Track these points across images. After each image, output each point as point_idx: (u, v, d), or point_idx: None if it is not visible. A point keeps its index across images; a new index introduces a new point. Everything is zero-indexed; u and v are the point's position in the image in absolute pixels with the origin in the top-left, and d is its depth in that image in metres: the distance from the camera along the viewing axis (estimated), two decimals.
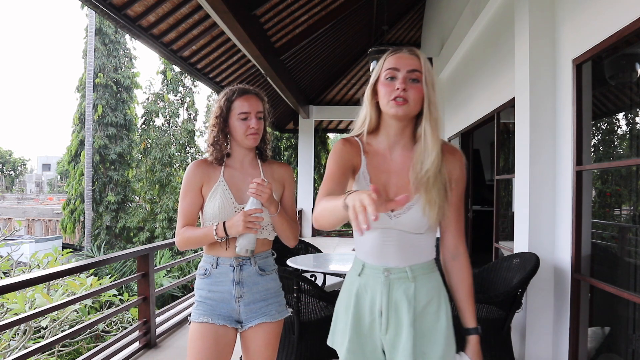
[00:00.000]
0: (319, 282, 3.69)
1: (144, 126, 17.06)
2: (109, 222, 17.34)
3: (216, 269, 1.67)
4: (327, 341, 1.41)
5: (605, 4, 2.30)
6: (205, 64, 5.94)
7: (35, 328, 4.91)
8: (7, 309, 4.61)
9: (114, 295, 5.99)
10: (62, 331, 4.91)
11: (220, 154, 1.70)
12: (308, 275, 3.29)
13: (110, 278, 9.25)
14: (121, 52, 18.36)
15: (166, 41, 4.92)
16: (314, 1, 5.74)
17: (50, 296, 4.78)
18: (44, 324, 4.83)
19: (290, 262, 3.52)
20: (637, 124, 2.50)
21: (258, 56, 5.22)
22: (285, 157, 13.90)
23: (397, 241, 1.27)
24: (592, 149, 2.69)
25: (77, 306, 4.98)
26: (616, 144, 2.78)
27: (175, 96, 17.10)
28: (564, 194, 2.71)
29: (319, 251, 4.34)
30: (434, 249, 1.35)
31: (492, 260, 4.11)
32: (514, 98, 3.17)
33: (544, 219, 2.82)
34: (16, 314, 4.36)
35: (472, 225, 5.71)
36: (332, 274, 3.98)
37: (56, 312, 4.92)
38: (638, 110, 2.50)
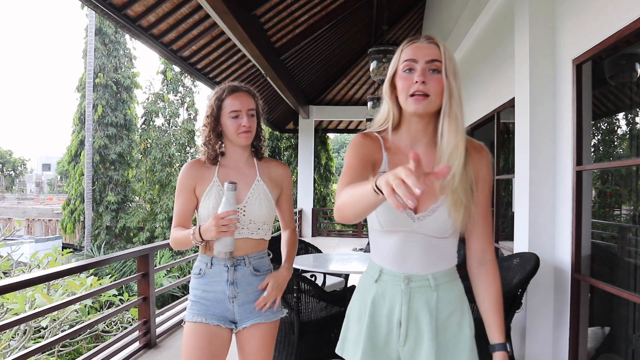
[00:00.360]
0: (319, 282, 3.69)
1: (144, 126, 17.06)
2: (109, 222, 17.35)
3: (210, 269, 1.65)
4: (336, 349, 1.32)
5: (605, 4, 2.30)
6: (205, 64, 5.95)
7: (35, 328, 4.91)
8: (7, 309, 4.62)
9: (114, 295, 5.99)
10: (62, 331, 4.91)
11: (214, 153, 1.67)
12: (308, 275, 3.29)
13: (110, 278, 9.25)
14: (121, 52, 18.37)
15: (166, 41, 4.92)
16: (314, 1, 5.74)
17: (50, 296, 4.78)
18: (44, 324, 4.83)
19: None
20: (637, 124, 2.50)
21: (258, 56, 5.22)
22: (285, 157, 13.90)
23: (419, 246, 1.18)
24: (592, 149, 2.69)
25: (77, 306, 4.99)
26: (616, 144, 2.78)
27: (175, 96, 17.10)
28: (564, 194, 2.71)
29: (319, 251, 4.34)
30: (457, 255, 1.25)
31: None
32: (514, 98, 3.17)
33: (544, 219, 2.82)
34: (16, 314, 4.36)
35: None
36: (332, 274, 3.98)
37: (56, 312, 4.92)
38: (638, 110, 2.50)
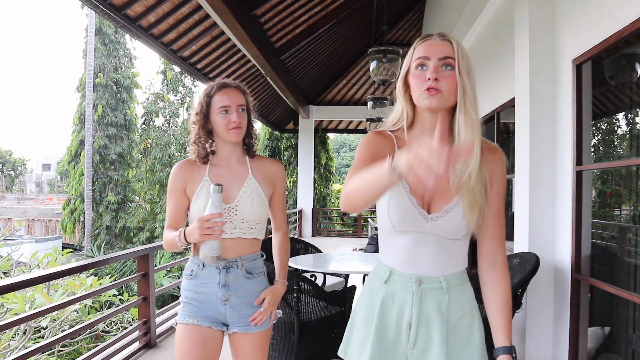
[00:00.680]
0: (319, 282, 3.69)
1: (144, 126, 17.07)
2: (109, 222, 17.37)
3: (202, 270, 1.60)
4: (339, 352, 1.29)
5: (605, 4, 2.30)
6: (205, 64, 5.95)
7: (35, 328, 4.92)
8: (7, 309, 4.62)
9: (114, 295, 5.99)
10: (62, 331, 4.91)
11: (204, 152, 1.63)
12: (308, 275, 3.29)
13: (110, 278, 9.26)
14: (121, 52, 18.38)
15: (166, 41, 4.92)
16: (314, 1, 5.74)
17: (50, 296, 4.78)
18: (44, 324, 4.83)
19: (290, 262, 3.52)
20: (637, 124, 2.50)
21: (258, 56, 5.22)
22: (285, 157, 13.91)
23: (431, 247, 1.16)
24: (592, 149, 2.69)
25: (77, 306, 4.99)
26: (616, 144, 2.78)
27: (175, 96, 17.12)
28: (564, 194, 2.71)
29: (319, 251, 4.33)
30: (467, 257, 1.24)
31: None
32: (514, 98, 3.17)
33: (544, 219, 2.82)
34: (16, 314, 4.36)
35: None
36: (332, 274, 3.98)
37: (56, 312, 4.92)
38: (638, 110, 2.50)
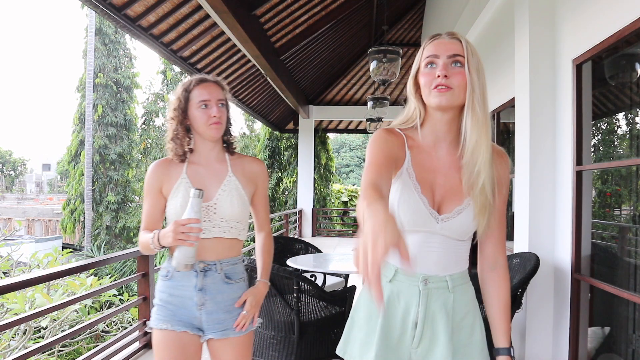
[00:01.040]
0: (319, 282, 3.69)
1: (144, 126, 17.09)
2: (109, 222, 17.37)
3: (178, 272, 1.52)
4: (337, 350, 1.28)
5: (605, 4, 2.30)
6: (205, 64, 5.95)
7: (35, 328, 4.91)
8: (7, 309, 4.62)
9: (114, 295, 6.00)
10: (62, 331, 4.91)
11: (182, 149, 1.56)
12: (308, 275, 3.30)
13: (110, 278, 9.26)
14: (121, 52, 18.39)
15: (166, 41, 4.92)
16: (314, 1, 5.74)
17: (50, 296, 4.78)
18: (44, 324, 4.83)
19: (290, 262, 3.53)
20: (637, 124, 2.50)
21: (258, 56, 5.22)
22: (285, 157, 13.90)
23: (438, 247, 1.17)
24: (592, 149, 2.69)
25: (77, 306, 4.99)
26: (616, 144, 2.78)
27: None
28: (564, 194, 2.71)
29: (319, 251, 4.33)
30: (468, 258, 1.26)
31: None
32: (514, 98, 3.17)
33: (544, 219, 2.82)
34: (16, 314, 4.36)
35: None
36: (332, 274, 3.98)
37: (56, 312, 4.92)
38: (638, 110, 2.50)
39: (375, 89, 10.10)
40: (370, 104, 6.65)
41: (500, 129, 4.15)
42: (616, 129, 2.79)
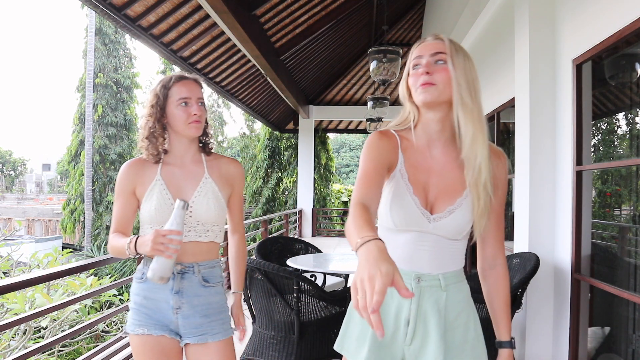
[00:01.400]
0: (319, 282, 3.70)
1: None
2: (109, 222, 17.36)
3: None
4: (335, 346, 1.30)
5: (605, 4, 2.30)
6: (205, 64, 5.95)
7: (35, 328, 4.92)
8: (7, 309, 4.62)
9: (114, 295, 6.00)
10: (62, 331, 4.92)
11: (157, 149, 1.49)
12: (308, 275, 3.29)
13: (110, 278, 9.26)
14: (121, 52, 18.40)
15: (166, 41, 4.92)
16: (314, 1, 5.74)
17: (50, 296, 4.78)
18: (44, 324, 4.83)
19: (290, 262, 3.52)
20: (637, 124, 2.50)
21: (258, 56, 5.22)
22: (285, 157, 13.91)
23: (431, 246, 1.18)
24: (592, 149, 2.69)
25: (77, 306, 4.99)
26: (616, 144, 2.78)
27: None
28: (564, 194, 2.71)
29: (319, 251, 4.33)
30: (464, 257, 1.27)
31: None
32: (514, 98, 3.17)
33: (544, 219, 2.82)
34: (16, 314, 4.36)
35: None
36: (332, 274, 3.98)
37: (56, 312, 4.92)
38: (638, 110, 2.50)
39: (375, 89, 10.11)
40: (370, 104, 6.65)
41: (500, 129, 4.15)
42: (616, 129, 2.79)
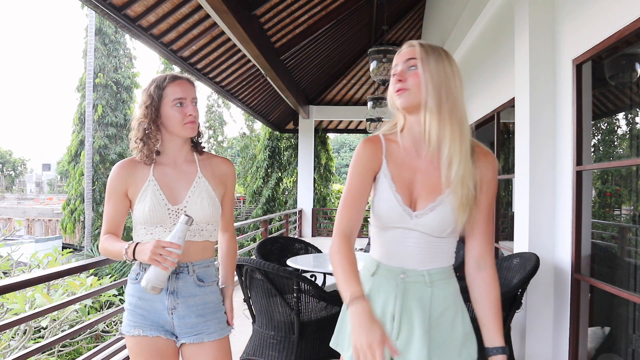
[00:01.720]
0: (319, 282, 3.70)
1: None
2: None
3: None
4: (331, 342, 1.32)
5: (605, 4, 2.30)
6: (205, 64, 5.95)
7: (35, 328, 4.92)
8: (7, 309, 4.62)
9: (114, 295, 6.00)
10: (62, 331, 4.92)
11: (151, 150, 1.48)
12: (308, 275, 3.29)
13: (110, 278, 9.26)
14: (121, 52, 18.41)
15: (166, 41, 4.92)
16: (314, 1, 5.74)
17: (50, 296, 4.78)
18: (44, 324, 4.83)
19: (290, 262, 3.52)
20: (637, 124, 2.50)
21: (258, 56, 5.22)
22: (285, 157, 13.91)
23: (416, 243, 1.20)
24: (592, 149, 2.69)
25: (77, 306, 4.99)
26: (616, 144, 2.78)
27: None
28: (564, 194, 2.71)
29: (319, 251, 4.33)
30: (454, 255, 1.27)
31: None
32: (514, 98, 3.17)
33: (544, 219, 2.82)
34: (16, 314, 4.36)
35: None
36: (332, 274, 3.97)
37: (56, 312, 4.92)
38: (638, 110, 2.50)
39: (375, 89, 10.11)
40: (370, 104, 6.65)
41: (500, 129, 4.15)
42: (616, 129, 2.80)
